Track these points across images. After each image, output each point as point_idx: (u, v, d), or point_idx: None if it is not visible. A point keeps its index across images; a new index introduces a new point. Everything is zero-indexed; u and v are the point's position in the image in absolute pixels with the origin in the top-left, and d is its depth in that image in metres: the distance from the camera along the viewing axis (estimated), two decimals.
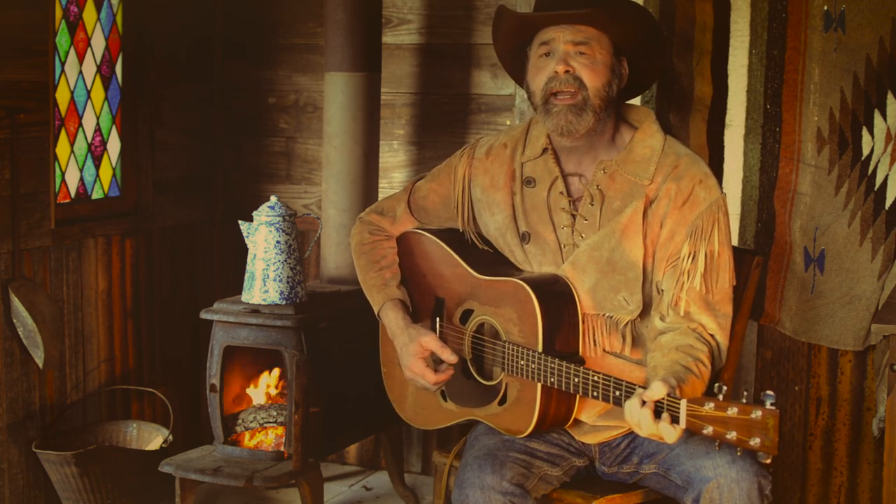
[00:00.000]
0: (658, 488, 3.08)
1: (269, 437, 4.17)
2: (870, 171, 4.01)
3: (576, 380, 2.90)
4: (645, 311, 3.07)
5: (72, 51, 4.38)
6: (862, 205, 4.02)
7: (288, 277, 3.99)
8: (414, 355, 3.22)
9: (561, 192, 3.14)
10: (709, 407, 2.59)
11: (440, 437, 4.68)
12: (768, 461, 2.56)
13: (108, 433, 4.38)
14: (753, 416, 2.54)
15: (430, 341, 3.21)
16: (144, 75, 4.67)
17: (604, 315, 3.07)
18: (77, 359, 4.35)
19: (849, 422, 4.20)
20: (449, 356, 3.19)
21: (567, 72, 3.01)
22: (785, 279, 4.15)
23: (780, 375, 4.26)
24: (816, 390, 4.23)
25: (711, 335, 3.00)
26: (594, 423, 3.13)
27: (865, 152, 4.01)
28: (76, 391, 4.34)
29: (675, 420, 2.64)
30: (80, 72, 4.44)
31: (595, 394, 2.87)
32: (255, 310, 3.97)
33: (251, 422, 4.16)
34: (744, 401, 2.57)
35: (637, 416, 2.68)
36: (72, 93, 4.40)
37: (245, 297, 4.03)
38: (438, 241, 3.37)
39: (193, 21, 4.90)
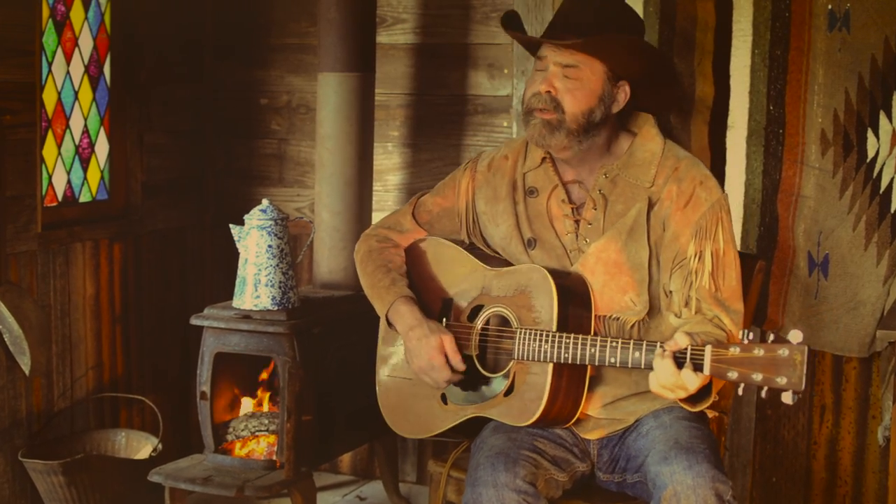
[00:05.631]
0: (646, 497, 3.09)
1: (261, 446, 4.15)
2: (875, 174, 4.01)
3: (592, 349, 2.95)
4: (651, 312, 3.13)
5: (59, 51, 4.36)
6: (867, 208, 4.03)
7: (280, 282, 3.97)
8: (435, 348, 3.21)
9: (563, 200, 3.22)
10: (734, 350, 2.68)
11: (435, 446, 4.66)
12: (793, 403, 2.64)
13: (96, 442, 4.36)
14: (780, 353, 2.62)
15: (449, 342, 3.21)
16: (133, 76, 4.66)
17: (612, 317, 3.13)
18: (64, 366, 4.33)
19: (853, 430, 4.19)
20: (458, 363, 3.21)
21: (548, 92, 3.12)
22: (788, 284, 4.14)
23: None
24: (820, 398, 4.22)
25: (729, 330, 3.05)
26: (598, 416, 3.17)
27: (871, 154, 4.01)
28: (63, 399, 4.32)
29: (698, 368, 2.73)
30: (68, 72, 4.42)
31: (613, 360, 2.92)
32: (246, 315, 3.96)
33: (242, 430, 4.14)
34: (770, 341, 2.64)
35: (659, 367, 2.77)
36: (59, 94, 4.37)
37: (236, 302, 4.01)
38: (450, 243, 3.43)
39: (184, 20, 4.88)
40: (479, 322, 3.26)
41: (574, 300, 3.08)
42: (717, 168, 4.14)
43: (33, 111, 4.11)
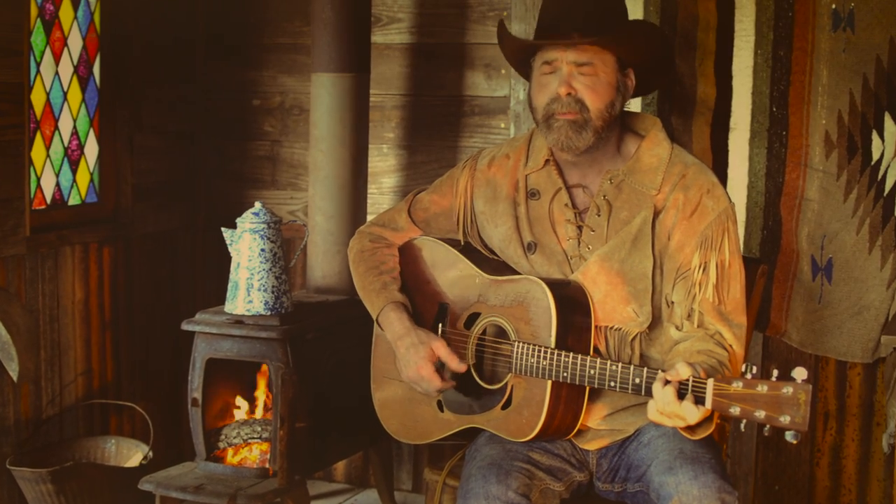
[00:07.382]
0: None
1: (254, 454, 4.14)
2: (879, 177, 4.00)
3: (591, 371, 2.91)
4: (653, 323, 3.07)
5: (47, 51, 4.35)
6: (871, 211, 4.03)
7: (273, 287, 3.95)
8: (424, 358, 3.19)
9: (566, 204, 3.16)
10: (737, 385, 2.64)
11: (432, 454, 4.64)
12: (795, 442, 2.60)
13: (85, 449, 4.35)
14: (784, 391, 2.58)
15: (441, 347, 3.19)
16: (123, 76, 4.64)
17: (613, 328, 3.08)
18: (53, 372, 4.30)
19: (858, 437, 4.18)
20: (457, 365, 3.16)
21: (569, 94, 3.05)
22: (791, 289, 4.13)
23: None
24: (824, 404, 4.20)
25: (730, 345, 3.00)
26: (598, 427, 3.13)
27: (875, 157, 4.00)
28: (52, 405, 4.30)
29: (699, 402, 2.68)
30: (57, 72, 4.41)
31: (613, 384, 2.88)
32: (238, 321, 3.95)
33: (234, 437, 4.13)
34: (774, 378, 2.61)
35: (659, 396, 2.71)
36: (47, 94, 4.36)
37: (228, 307, 4.00)
38: (447, 245, 3.38)
39: (175, 19, 4.87)
40: (476, 331, 3.21)
41: (574, 312, 3.04)
42: (719, 170, 4.14)
43: (21, 112, 4.09)
